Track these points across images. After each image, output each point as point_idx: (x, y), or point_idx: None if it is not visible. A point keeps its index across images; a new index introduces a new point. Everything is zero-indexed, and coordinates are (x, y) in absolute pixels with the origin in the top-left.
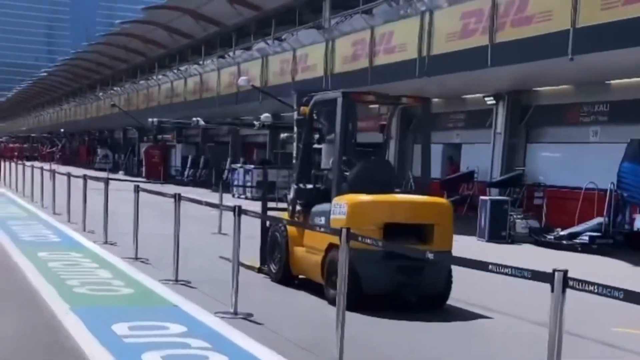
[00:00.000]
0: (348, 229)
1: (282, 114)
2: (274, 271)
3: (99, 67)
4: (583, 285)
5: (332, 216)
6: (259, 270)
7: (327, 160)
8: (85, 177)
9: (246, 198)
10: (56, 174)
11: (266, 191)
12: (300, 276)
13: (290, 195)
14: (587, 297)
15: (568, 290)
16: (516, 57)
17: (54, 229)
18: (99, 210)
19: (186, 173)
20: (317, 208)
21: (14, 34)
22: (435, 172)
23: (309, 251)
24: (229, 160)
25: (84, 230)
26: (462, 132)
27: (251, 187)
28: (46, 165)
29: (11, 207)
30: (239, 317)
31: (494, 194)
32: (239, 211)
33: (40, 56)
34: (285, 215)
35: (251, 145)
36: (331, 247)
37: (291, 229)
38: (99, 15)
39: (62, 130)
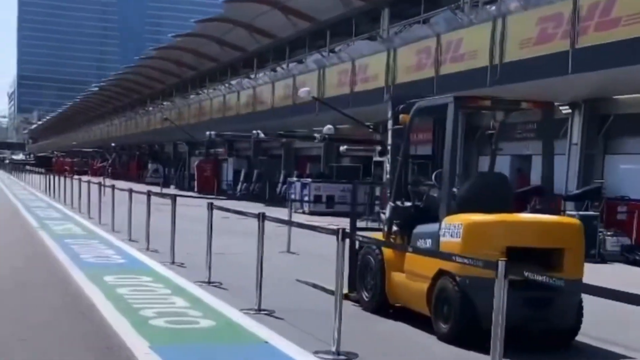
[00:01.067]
0: (506, 262)
1: (337, 126)
2: (366, 299)
3: (149, 81)
4: None
5: (442, 239)
6: (346, 297)
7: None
8: (149, 193)
9: (303, 212)
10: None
11: (355, 209)
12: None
13: (386, 214)
14: None
15: None
16: (601, 63)
17: (116, 248)
18: (159, 228)
19: (239, 187)
20: (421, 229)
21: (63, 50)
22: None
23: (410, 278)
24: (282, 173)
25: (147, 249)
26: (533, 143)
27: (309, 201)
28: (98, 180)
29: (68, 224)
30: (342, 358)
31: (570, 208)
32: (343, 235)
33: (90, 72)
34: (378, 236)
35: (304, 158)
36: (441, 273)
37: (387, 252)
38: (146, 32)
39: (113, 144)
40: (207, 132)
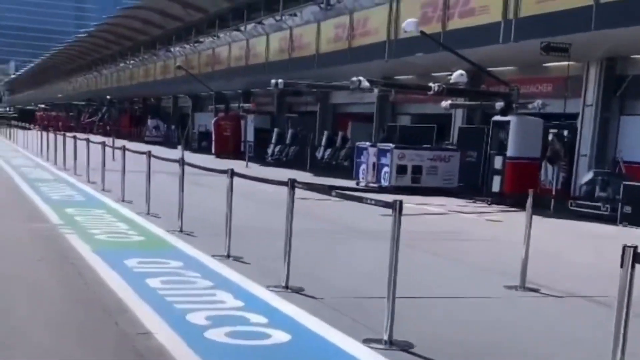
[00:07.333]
0: None
1: (397, 77)
2: None
3: (146, 26)
4: None
5: None
6: None
7: None
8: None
9: (379, 187)
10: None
11: None
12: None
13: None
14: None
15: None
16: None
17: (226, 283)
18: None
19: (270, 150)
20: None
21: None
22: None
23: None
24: (325, 134)
25: (287, 288)
26: None
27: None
28: (103, 139)
29: (104, 216)
30: None
31: None
32: None
33: (68, 22)
34: None
35: (345, 116)
36: None
37: None
38: None
39: (108, 97)
40: (273, 81)
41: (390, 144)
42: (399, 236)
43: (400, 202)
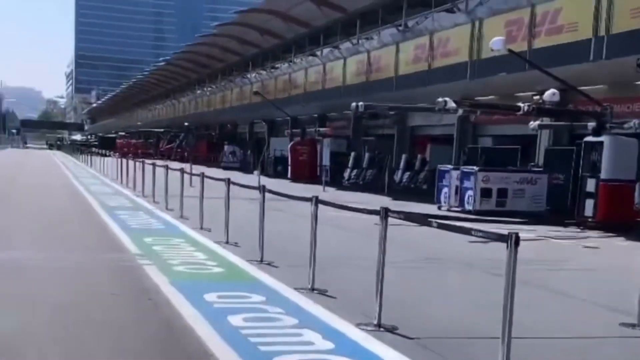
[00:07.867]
0: None
1: (477, 98)
2: None
3: (223, 53)
4: None
5: None
6: None
7: None
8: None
9: (463, 212)
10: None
11: None
12: None
13: None
14: None
15: None
16: None
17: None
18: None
19: (347, 174)
20: None
21: (120, 29)
22: None
23: None
24: (404, 157)
25: None
26: None
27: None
28: (180, 165)
29: (182, 244)
30: None
31: None
32: None
33: (147, 52)
34: None
35: (422, 138)
36: None
37: None
38: (204, 10)
39: (185, 124)
40: (354, 103)
41: (474, 167)
42: (514, 273)
43: (517, 236)
